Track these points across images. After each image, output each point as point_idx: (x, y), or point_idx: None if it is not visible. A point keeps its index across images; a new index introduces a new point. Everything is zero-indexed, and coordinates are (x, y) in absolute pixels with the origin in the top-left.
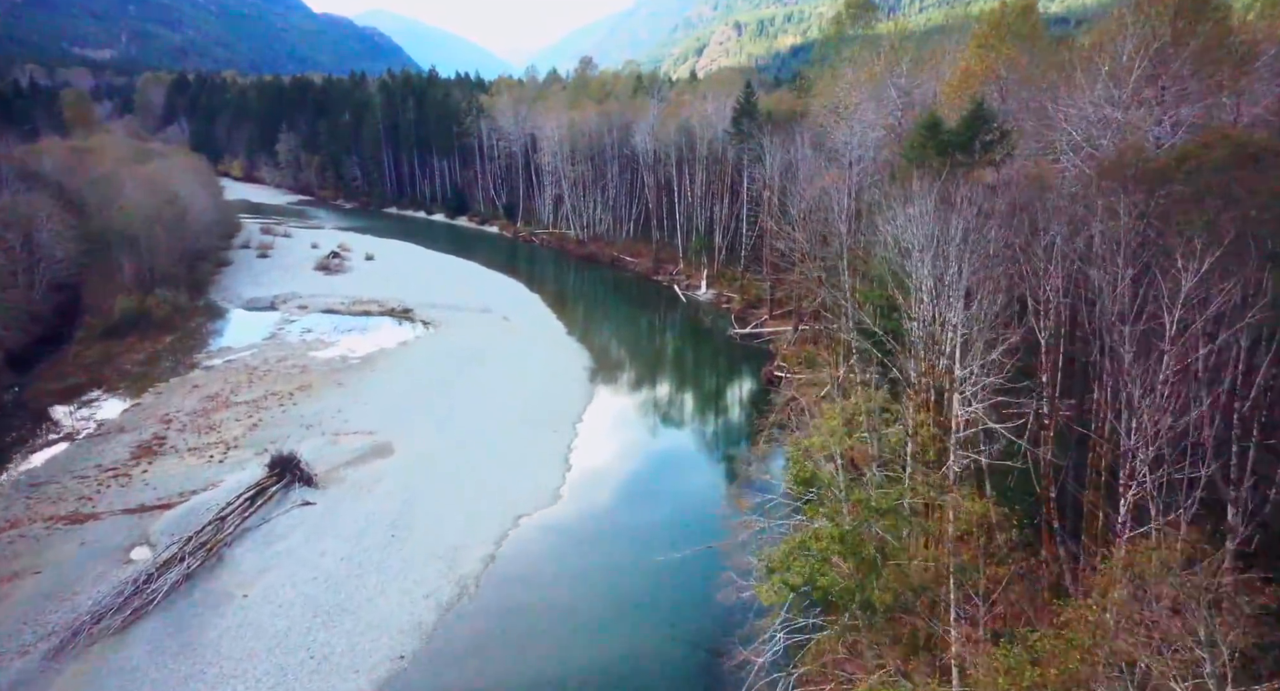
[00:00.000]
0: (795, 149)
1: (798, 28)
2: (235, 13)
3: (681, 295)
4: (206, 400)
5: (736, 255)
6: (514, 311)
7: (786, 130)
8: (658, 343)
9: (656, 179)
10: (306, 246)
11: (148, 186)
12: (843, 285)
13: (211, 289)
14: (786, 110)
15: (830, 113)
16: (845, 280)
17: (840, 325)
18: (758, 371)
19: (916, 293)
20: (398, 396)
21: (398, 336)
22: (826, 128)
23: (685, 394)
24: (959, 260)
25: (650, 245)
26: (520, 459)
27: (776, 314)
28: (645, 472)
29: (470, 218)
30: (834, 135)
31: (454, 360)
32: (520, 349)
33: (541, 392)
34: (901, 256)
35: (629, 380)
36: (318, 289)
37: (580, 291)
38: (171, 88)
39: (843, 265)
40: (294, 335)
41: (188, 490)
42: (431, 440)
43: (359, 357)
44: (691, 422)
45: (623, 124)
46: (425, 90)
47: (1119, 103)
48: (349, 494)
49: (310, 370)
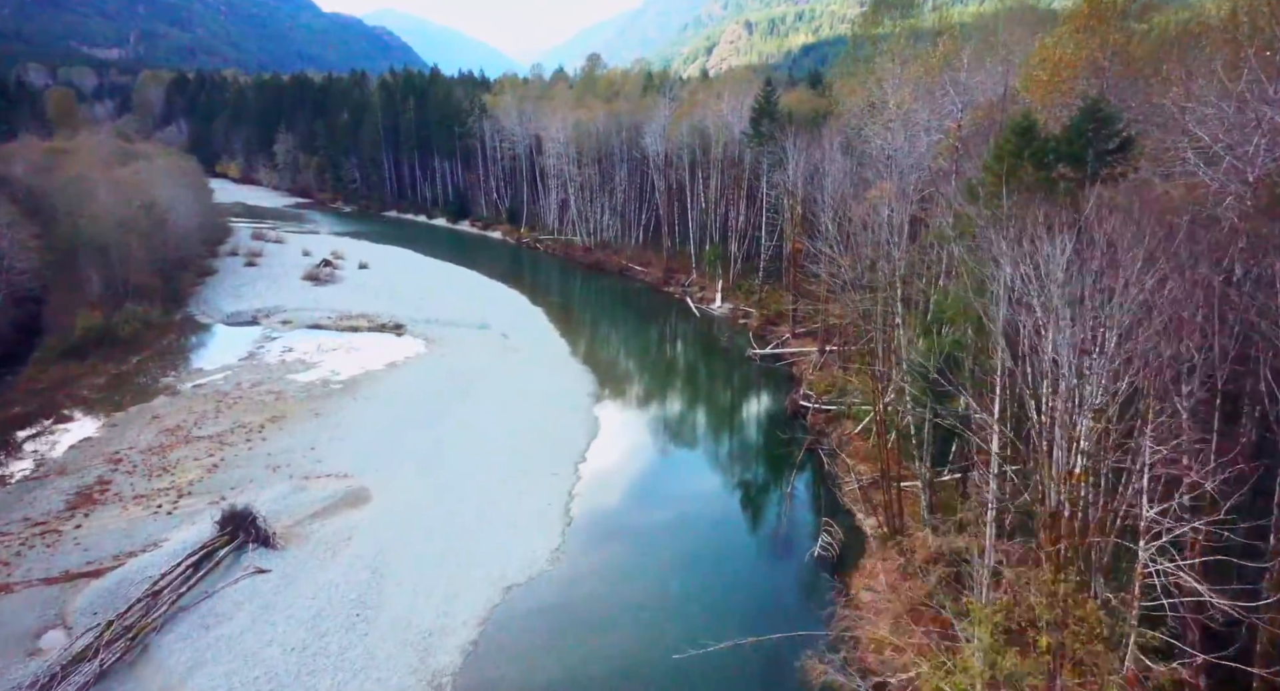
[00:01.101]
0: (822, 153)
1: (809, 26)
2: (244, 12)
3: (694, 309)
4: (165, 434)
5: (754, 266)
6: (514, 327)
7: (811, 132)
8: (669, 364)
9: (668, 183)
10: (298, 253)
11: (123, 191)
12: (896, 326)
13: (192, 301)
14: (808, 110)
15: (869, 113)
16: (901, 330)
17: (891, 370)
18: (782, 398)
19: (1047, 373)
20: (379, 430)
21: (386, 356)
22: (864, 131)
23: (700, 426)
24: (1123, 329)
25: (660, 253)
26: (513, 509)
27: (799, 332)
28: (657, 528)
29: (472, 222)
30: (872, 139)
31: (445, 385)
32: (519, 372)
33: (540, 425)
34: (1017, 310)
35: (638, 409)
36: (305, 301)
37: (585, 304)
38: (170, 87)
39: (896, 300)
40: (273, 355)
41: (125, 552)
42: (413, 485)
43: (341, 382)
44: (708, 462)
45: (632, 124)
46: (426, 89)
47: (1274, 99)
48: (312, 557)
49: (286, 397)
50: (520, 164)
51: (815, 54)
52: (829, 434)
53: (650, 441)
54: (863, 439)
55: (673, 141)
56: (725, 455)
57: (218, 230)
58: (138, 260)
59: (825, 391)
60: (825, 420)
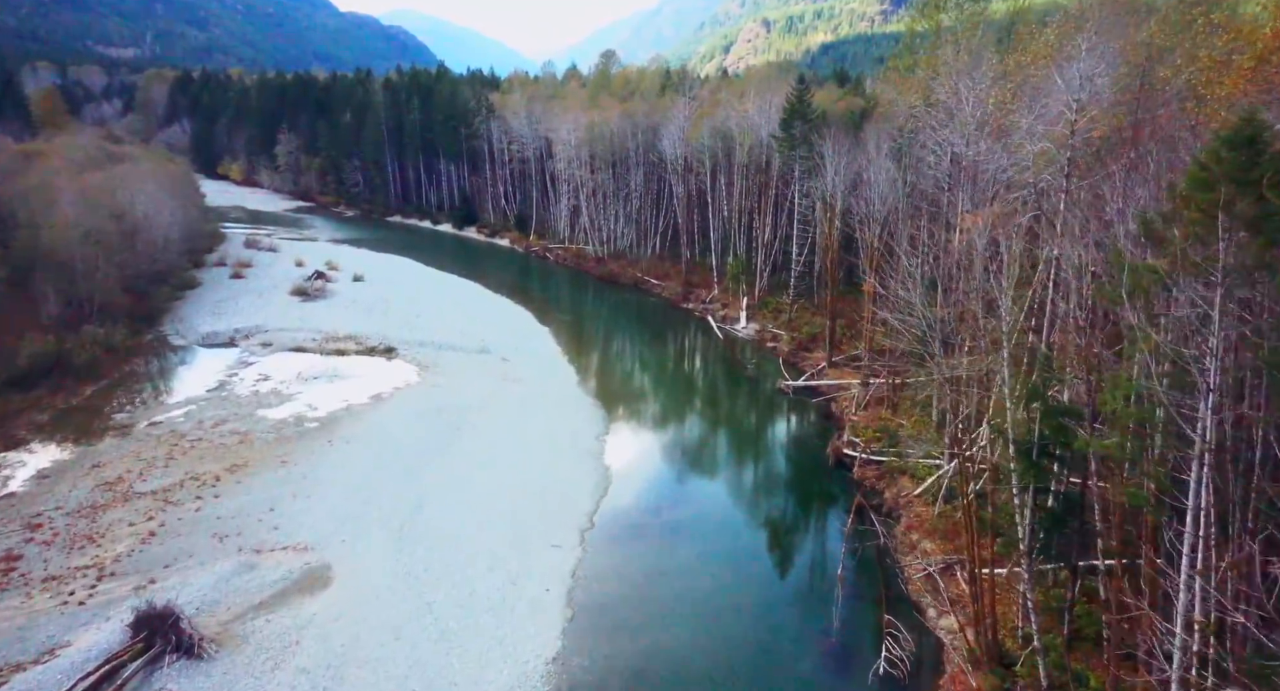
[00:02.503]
0: (866, 159)
1: (828, 24)
2: (261, 11)
3: (717, 329)
4: (102, 489)
5: (781, 281)
6: (517, 350)
7: (851, 135)
8: (689, 397)
9: (687, 189)
10: (290, 264)
11: (93, 198)
12: (1001, 398)
13: (167, 319)
14: (842, 111)
15: (928, 115)
16: (1007, 398)
17: (975, 436)
18: (821, 441)
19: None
20: (352, 484)
21: (372, 386)
22: (920, 136)
23: (726, 482)
24: None
25: (679, 265)
26: (502, 600)
27: (837, 360)
28: (678, 623)
29: (479, 229)
30: (938, 146)
31: (434, 425)
32: (520, 407)
33: (541, 479)
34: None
35: (653, 458)
36: (289, 320)
37: (597, 322)
38: (174, 86)
39: (1004, 363)
40: (246, 385)
41: (10, 663)
42: (383, 562)
43: (318, 419)
44: (737, 531)
45: (648, 126)
46: (432, 88)
47: None
48: (247, 671)
49: (252, 439)
50: (530, 167)
51: (835, 52)
52: (881, 491)
53: (668, 501)
54: (926, 503)
55: (692, 144)
56: (757, 521)
57: (207, 238)
58: (105, 275)
59: (874, 438)
60: (876, 474)
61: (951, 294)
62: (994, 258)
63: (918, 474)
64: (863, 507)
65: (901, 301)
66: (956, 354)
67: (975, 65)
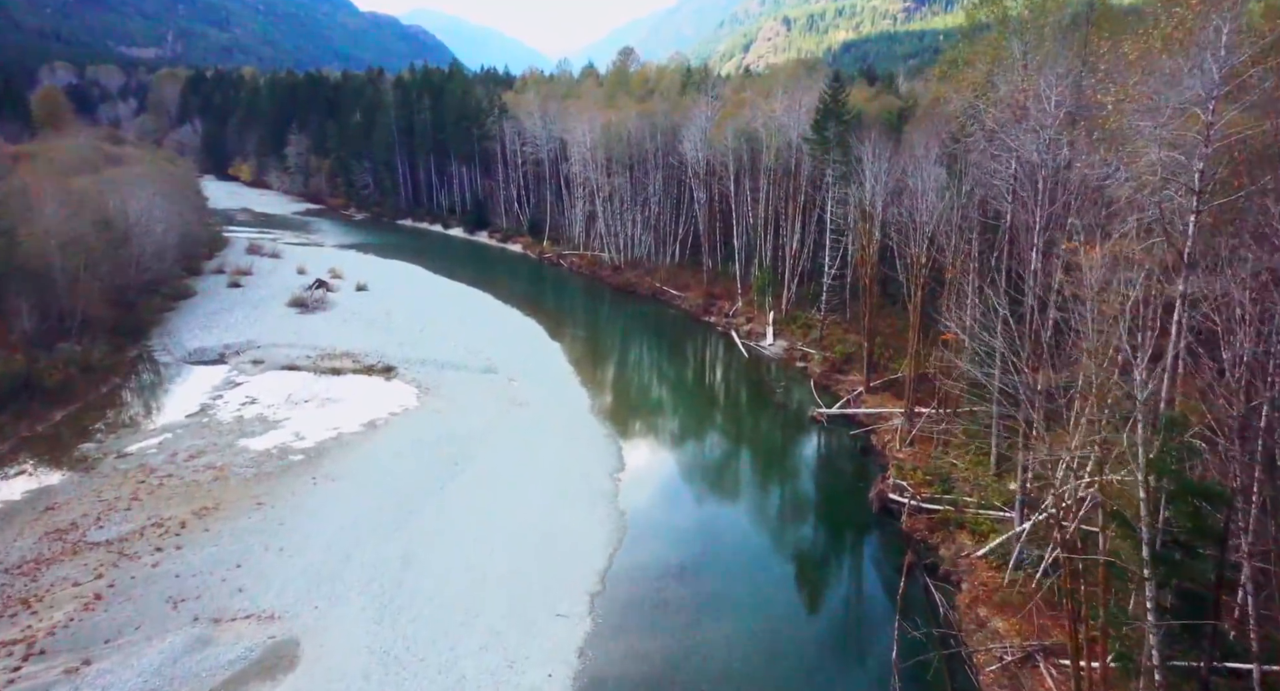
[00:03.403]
0: (913, 165)
1: (850, 22)
2: (282, 11)
3: (741, 345)
4: (50, 538)
5: (809, 292)
6: (525, 370)
7: (893, 138)
8: (712, 427)
9: (709, 195)
10: (292, 271)
11: (79, 203)
12: (1134, 469)
13: (155, 332)
14: (877, 111)
15: (1005, 114)
16: (1140, 489)
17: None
18: (861, 479)
19: None
20: (334, 533)
21: (366, 411)
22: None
23: (757, 531)
24: None
25: (700, 275)
26: (495, 688)
27: (876, 384)
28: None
29: (491, 234)
30: (1009, 152)
31: (430, 459)
32: (526, 437)
33: (546, 526)
34: None
35: (674, 502)
36: (284, 335)
37: (612, 337)
38: (187, 85)
39: (1136, 444)
40: (230, 409)
41: None
42: (360, 638)
43: (303, 451)
44: (769, 594)
45: (668, 127)
46: (443, 86)
47: None
48: None
49: (228, 476)
50: (544, 170)
51: (856, 51)
52: (935, 547)
53: (691, 557)
54: (992, 566)
55: (715, 147)
56: (794, 585)
57: (207, 243)
58: (88, 286)
59: (924, 482)
60: (928, 525)
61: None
62: (1104, 293)
63: (978, 528)
64: (914, 568)
65: (980, 345)
66: (1061, 423)
67: (1059, 56)
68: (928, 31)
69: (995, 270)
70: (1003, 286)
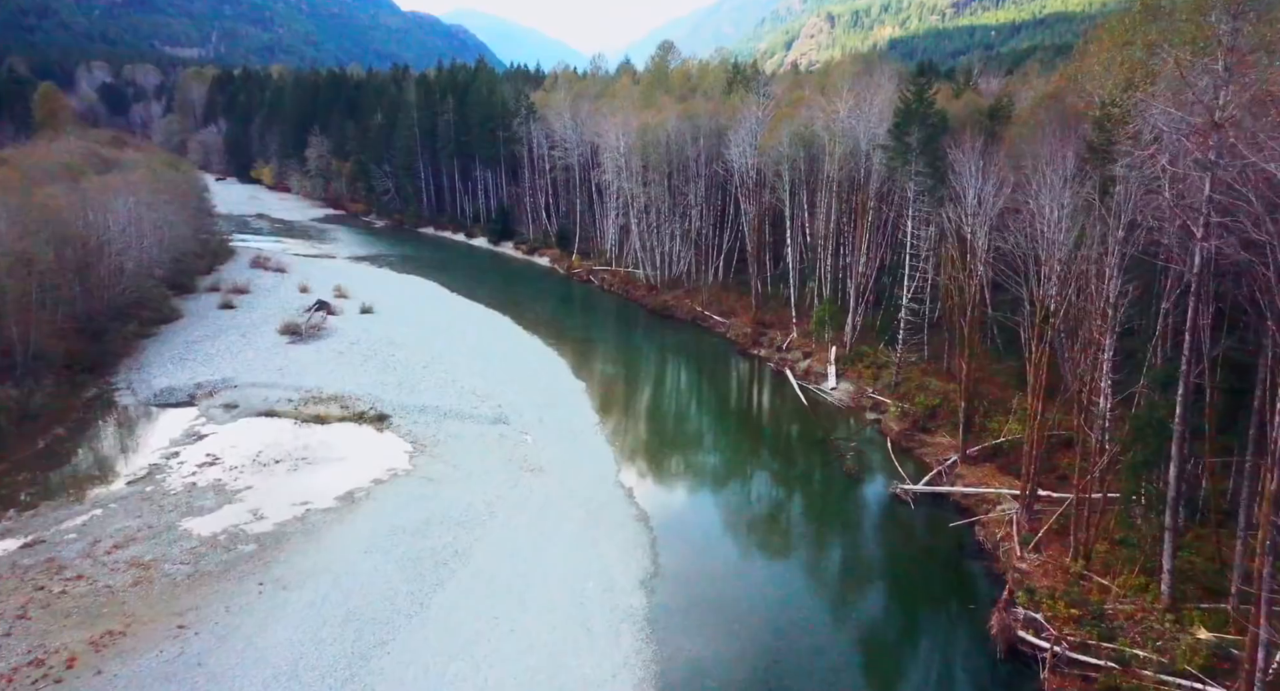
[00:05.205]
0: (1034, 181)
1: (896, 18)
2: (325, 11)
3: (797, 387)
4: None
5: (875, 322)
6: (543, 420)
7: (989, 147)
8: (768, 504)
9: (759, 208)
10: (294, 289)
11: (37, 219)
12: None
13: (124, 366)
14: (963, 113)
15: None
16: None
17: None
18: (969, 596)
19: None
20: (265, 683)
21: (346, 478)
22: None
23: (833, 684)
24: None
25: (748, 299)
26: None
27: (973, 452)
28: None
29: (516, 245)
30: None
31: (412, 556)
32: (535, 521)
33: (548, 674)
34: None
35: (722, 631)
36: (268, 371)
37: (645, 374)
38: (213, 85)
39: None
40: (183, 472)
41: None
42: None
43: (257, 537)
44: None
45: (712, 130)
46: (468, 85)
47: None
48: None
49: (153, 577)
50: (573, 176)
51: (903, 48)
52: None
53: None
54: None
55: (767, 153)
56: None
57: (209, 255)
58: (38, 315)
59: (1068, 617)
60: (1082, 686)
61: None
62: None
63: None
64: None
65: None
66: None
67: None
68: (978, 27)
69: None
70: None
